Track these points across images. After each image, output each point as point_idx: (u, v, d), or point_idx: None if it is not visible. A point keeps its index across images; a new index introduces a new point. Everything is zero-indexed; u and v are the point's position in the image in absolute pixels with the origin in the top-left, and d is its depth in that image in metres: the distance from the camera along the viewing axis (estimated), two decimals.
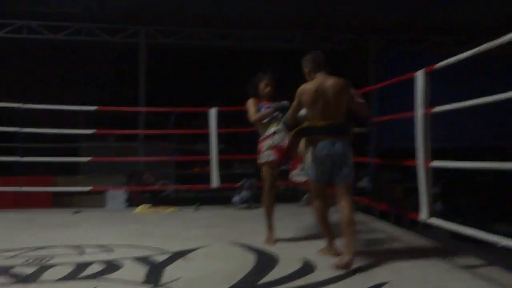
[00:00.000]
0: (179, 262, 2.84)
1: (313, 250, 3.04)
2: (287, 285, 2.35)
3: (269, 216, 3.39)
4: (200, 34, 8.30)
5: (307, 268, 2.65)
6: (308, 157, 2.80)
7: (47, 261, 2.88)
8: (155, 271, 2.64)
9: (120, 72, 10.70)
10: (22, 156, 5.06)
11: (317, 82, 2.78)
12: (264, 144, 3.37)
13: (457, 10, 7.89)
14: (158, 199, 5.25)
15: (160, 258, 2.93)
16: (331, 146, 2.69)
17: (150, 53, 8.31)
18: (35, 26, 7.61)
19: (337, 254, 2.78)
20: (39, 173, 5.90)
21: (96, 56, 9.57)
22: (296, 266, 2.69)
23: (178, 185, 6.35)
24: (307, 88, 2.81)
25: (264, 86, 3.42)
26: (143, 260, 2.88)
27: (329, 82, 2.76)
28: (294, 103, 2.91)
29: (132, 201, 5.29)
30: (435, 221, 3.10)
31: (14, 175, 5.11)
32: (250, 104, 3.45)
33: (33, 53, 8.65)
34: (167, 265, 2.77)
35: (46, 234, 3.80)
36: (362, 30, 8.65)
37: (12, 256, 3.01)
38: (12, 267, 2.74)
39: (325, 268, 2.61)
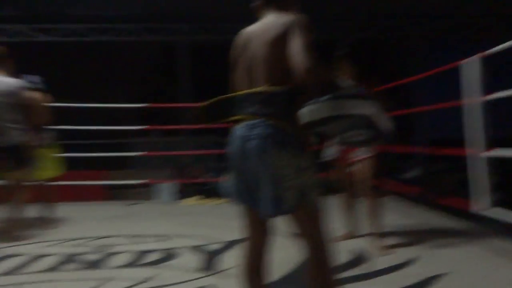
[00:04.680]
0: (234, 251, 2.91)
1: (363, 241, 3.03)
2: (345, 273, 2.37)
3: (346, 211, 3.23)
4: (233, 30, 8.31)
5: (359, 258, 2.67)
6: None
7: (110, 249, 3.06)
8: (212, 258, 2.75)
9: (157, 69, 10.97)
10: (81, 152, 5.36)
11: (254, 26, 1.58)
12: None
13: None
14: (207, 191, 5.38)
15: (215, 246, 3.03)
16: (246, 134, 1.42)
17: (189, 51, 8.46)
18: (82, 29, 7.89)
19: None
20: (92, 168, 6.14)
21: (133, 55, 9.83)
22: (349, 256, 2.72)
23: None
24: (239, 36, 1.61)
25: None
26: (198, 248, 3.01)
27: (270, 23, 1.48)
28: None
29: (182, 194, 5.46)
30: (494, 212, 3.01)
31: (72, 169, 5.35)
32: None
33: (80, 55, 9.01)
34: (223, 253, 2.88)
35: (106, 225, 4.02)
36: (401, 17, 8.35)
37: (78, 245, 3.22)
38: (80, 254, 2.94)
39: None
